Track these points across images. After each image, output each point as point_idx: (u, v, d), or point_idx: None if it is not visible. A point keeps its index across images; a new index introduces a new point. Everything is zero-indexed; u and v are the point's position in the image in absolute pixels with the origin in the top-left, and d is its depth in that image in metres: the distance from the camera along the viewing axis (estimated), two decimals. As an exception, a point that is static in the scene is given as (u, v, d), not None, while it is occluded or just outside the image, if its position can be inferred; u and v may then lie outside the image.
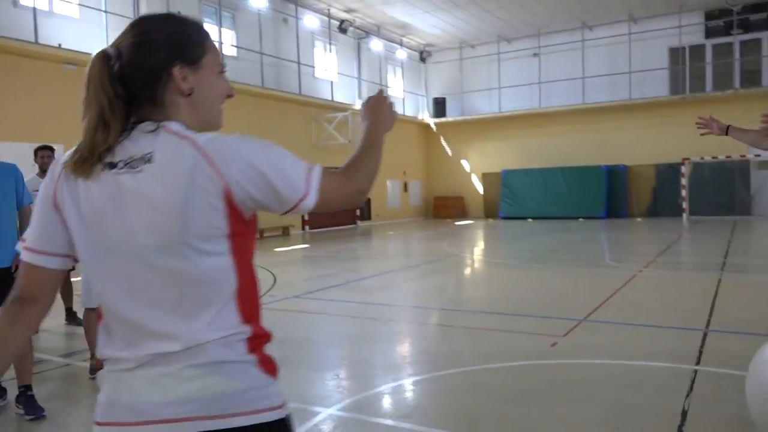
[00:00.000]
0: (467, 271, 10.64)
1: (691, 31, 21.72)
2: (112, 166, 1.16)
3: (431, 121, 26.47)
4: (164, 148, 1.15)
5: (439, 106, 26.12)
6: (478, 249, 14.33)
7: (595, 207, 22.39)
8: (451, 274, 10.04)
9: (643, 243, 14.92)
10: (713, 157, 20.93)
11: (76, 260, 1.28)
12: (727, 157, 20.63)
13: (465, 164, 26.31)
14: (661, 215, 22.04)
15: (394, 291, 8.46)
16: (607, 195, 22.39)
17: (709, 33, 21.50)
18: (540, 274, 9.68)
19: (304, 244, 16.15)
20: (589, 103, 22.98)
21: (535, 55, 24.25)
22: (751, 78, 20.99)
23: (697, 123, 3.67)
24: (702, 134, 3.69)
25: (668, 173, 22.03)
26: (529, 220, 22.85)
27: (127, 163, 1.16)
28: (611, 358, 4.67)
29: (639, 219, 21.88)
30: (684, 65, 21.93)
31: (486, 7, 20.79)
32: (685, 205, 21.35)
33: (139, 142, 1.17)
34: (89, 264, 1.22)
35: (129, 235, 1.15)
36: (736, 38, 21.00)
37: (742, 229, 17.10)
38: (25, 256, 1.26)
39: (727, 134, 3.52)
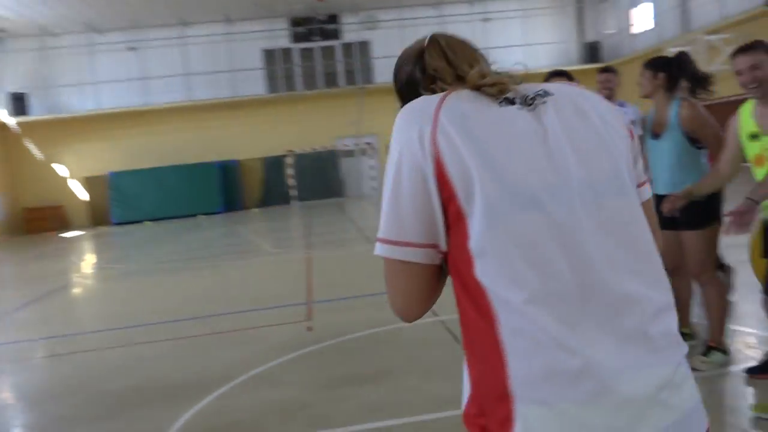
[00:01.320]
0: (144, 281, 9.47)
1: (280, 35, 23.85)
2: (510, 102, 1.03)
3: (10, 121, 22.30)
4: (553, 86, 1.08)
5: (19, 103, 22.21)
6: (128, 257, 12.92)
7: (213, 203, 22.70)
8: (124, 289, 8.89)
9: (283, 230, 15.92)
10: (312, 149, 23.61)
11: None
12: (323, 147, 23.60)
13: (61, 169, 23.13)
14: (272, 204, 23.74)
15: (76, 317, 7.07)
16: (222, 190, 22.93)
17: (296, 38, 24.01)
18: (221, 270, 9.44)
19: None
20: (195, 100, 22.99)
21: (131, 49, 22.86)
22: (330, 79, 24.35)
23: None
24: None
25: (275, 165, 23.87)
26: (148, 222, 21.67)
27: (526, 100, 1.03)
28: (372, 328, 5.03)
29: (255, 210, 23.13)
30: (277, 66, 23.97)
31: (73, -9, 18.58)
32: (293, 192, 23.51)
33: (520, 86, 1.07)
34: (505, 217, 0.93)
35: (564, 172, 0.96)
36: (317, 44, 24.02)
37: (345, 207, 19.89)
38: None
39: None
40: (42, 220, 22.35)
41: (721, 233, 3.15)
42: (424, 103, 1.02)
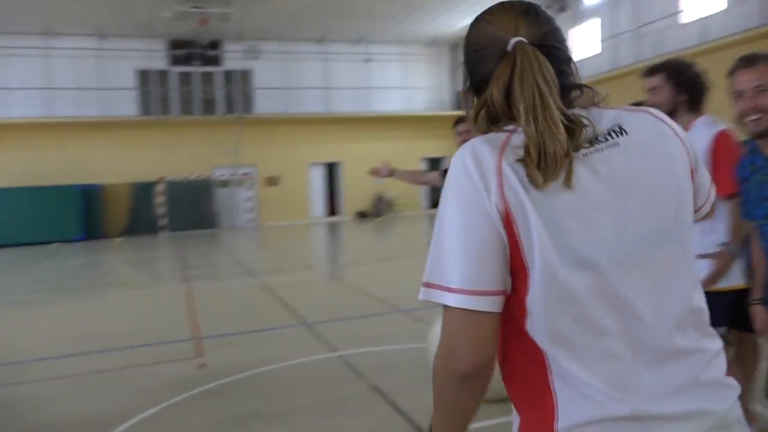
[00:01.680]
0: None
1: (157, 57, 22.90)
2: (575, 147, 0.97)
3: None
4: (629, 119, 1.03)
5: None
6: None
7: (71, 229, 20.91)
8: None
9: (154, 261, 14.98)
10: (186, 177, 22.68)
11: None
12: (198, 176, 22.78)
13: None
14: (138, 233, 22.30)
15: None
16: (82, 216, 21.24)
17: (174, 61, 23.18)
18: (90, 304, 8.72)
19: None
20: (56, 117, 21.29)
21: (-13, 56, 20.76)
22: (209, 106, 23.72)
23: (371, 173, 4.20)
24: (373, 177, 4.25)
25: (144, 192, 22.55)
26: (-11, 248, 19.46)
27: (597, 139, 0.99)
28: (267, 365, 4.94)
29: (119, 239, 21.63)
30: (152, 88, 22.93)
31: None
32: (163, 222, 22.34)
33: (592, 115, 1.02)
34: (557, 277, 0.92)
35: (622, 227, 0.95)
36: (197, 69, 23.36)
37: (219, 238, 19.25)
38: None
39: (392, 176, 4.09)
40: None
41: None
42: (486, 147, 0.97)
